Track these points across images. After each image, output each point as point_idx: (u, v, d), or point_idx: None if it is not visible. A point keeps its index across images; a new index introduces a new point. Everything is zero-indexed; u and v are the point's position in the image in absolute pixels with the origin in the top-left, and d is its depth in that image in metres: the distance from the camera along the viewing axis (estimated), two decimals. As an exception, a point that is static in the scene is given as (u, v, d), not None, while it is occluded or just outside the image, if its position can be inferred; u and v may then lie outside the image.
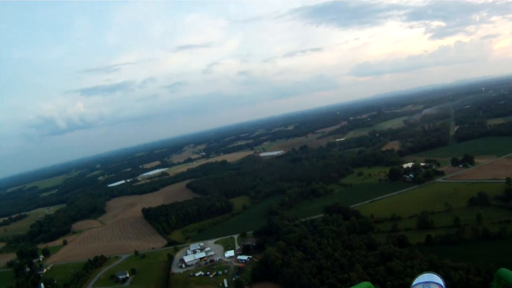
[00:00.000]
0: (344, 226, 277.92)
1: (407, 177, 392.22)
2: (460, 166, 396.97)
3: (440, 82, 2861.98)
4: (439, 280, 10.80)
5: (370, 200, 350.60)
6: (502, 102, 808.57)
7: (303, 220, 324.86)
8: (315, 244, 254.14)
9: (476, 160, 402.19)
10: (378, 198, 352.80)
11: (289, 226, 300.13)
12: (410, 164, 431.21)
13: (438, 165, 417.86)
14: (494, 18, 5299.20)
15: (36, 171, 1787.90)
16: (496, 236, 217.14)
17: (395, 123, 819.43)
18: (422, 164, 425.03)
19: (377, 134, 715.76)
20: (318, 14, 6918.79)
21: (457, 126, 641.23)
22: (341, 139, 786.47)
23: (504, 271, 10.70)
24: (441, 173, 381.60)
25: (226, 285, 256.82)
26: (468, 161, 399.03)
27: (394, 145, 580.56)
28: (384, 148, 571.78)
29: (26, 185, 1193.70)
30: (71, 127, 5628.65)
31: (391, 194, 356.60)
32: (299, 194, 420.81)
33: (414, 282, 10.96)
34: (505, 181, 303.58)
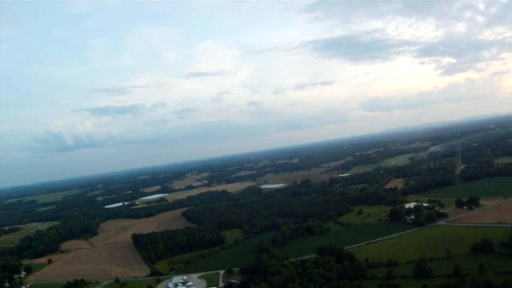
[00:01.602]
0: (335, 270, 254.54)
1: (408, 218, 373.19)
2: (465, 208, 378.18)
3: (449, 119, 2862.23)
4: None
5: (367, 242, 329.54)
6: (511, 140, 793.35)
7: (294, 260, 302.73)
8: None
9: (481, 201, 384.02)
10: (376, 240, 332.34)
11: (277, 267, 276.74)
12: (412, 205, 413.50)
13: (442, 206, 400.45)
14: (504, 55, 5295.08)
15: (38, 185, 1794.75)
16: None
17: (401, 160, 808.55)
18: (425, 204, 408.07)
19: (381, 171, 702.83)
20: (330, 48, 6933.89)
21: (464, 165, 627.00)
22: (345, 174, 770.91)
23: None
24: (444, 215, 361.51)
25: None
26: (473, 202, 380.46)
27: (398, 183, 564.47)
28: (387, 186, 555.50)
29: (26, 198, 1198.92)
30: (78, 145, 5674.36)
31: (389, 236, 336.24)
32: (294, 231, 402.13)
33: None
34: (511, 225, 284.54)
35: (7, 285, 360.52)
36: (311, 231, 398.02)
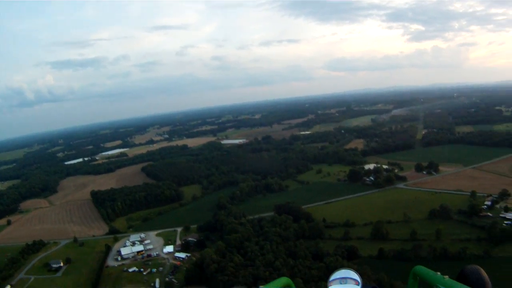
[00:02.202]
0: (292, 229, 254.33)
1: (367, 179, 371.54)
2: (424, 172, 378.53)
3: (414, 84, 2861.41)
4: (356, 276, 10.77)
5: (325, 202, 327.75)
6: (473, 110, 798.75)
7: (251, 217, 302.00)
8: (257, 248, 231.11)
9: (441, 167, 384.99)
10: (334, 200, 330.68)
11: (234, 225, 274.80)
12: (372, 166, 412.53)
13: (401, 169, 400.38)
14: (473, 28, 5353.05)
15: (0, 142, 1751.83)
16: (454, 257, 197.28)
17: (363, 121, 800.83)
18: (384, 166, 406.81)
19: (343, 131, 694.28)
20: (297, 7, 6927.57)
21: (425, 130, 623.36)
22: (306, 132, 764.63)
23: (419, 268, 10.85)
24: (403, 179, 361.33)
25: (157, 286, 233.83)
26: (432, 168, 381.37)
27: (359, 144, 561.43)
28: (348, 146, 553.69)
29: None
30: (39, 100, 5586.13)
31: (348, 196, 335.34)
32: (252, 188, 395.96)
33: (331, 278, 10.91)
34: (469, 194, 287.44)
35: None
36: (269, 189, 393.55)
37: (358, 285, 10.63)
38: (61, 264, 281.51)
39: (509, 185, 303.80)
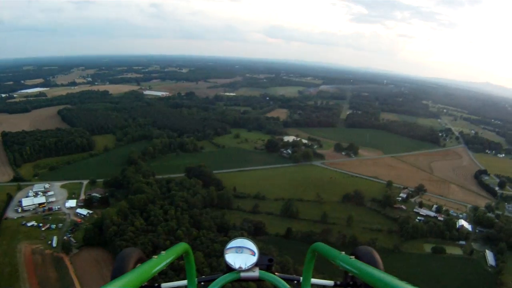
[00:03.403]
0: (200, 196, 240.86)
1: (285, 152, 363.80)
2: (343, 153, 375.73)
3: (346, 64, 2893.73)
4: (252, 245, 10.31)
5: (238, 169, 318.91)
6: (400, 99, 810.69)
7: (160, 177, 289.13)
8: (161, 213, 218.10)
9: (360, 151, 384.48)
10: (248, 168, 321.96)
11: (140, 184, 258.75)
12: (291, 138, 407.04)
13: (321, 146, 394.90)
14: (414, 21, 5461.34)
15: None
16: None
17: (290, 91, 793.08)
18: (304, 141, 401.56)
19: (268, 98, 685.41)
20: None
21: (350, 111, 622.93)
22: (231, 94, 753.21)
23: (318, 244, 10.14)
24: (322, 156, 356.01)
25: (54, 244, 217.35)
26: (352, 150, 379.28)
27: (282, 114, 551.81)
28: (270, 114, 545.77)
29: None
30: None
31: (263, 167, 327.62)
32: (166, 145, 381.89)
33: (228, 246, 10.42)
34: (385, 183, 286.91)
35: None
36: (184, 148, 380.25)
37: (254, 254, 10.07)
38: None
39: (426, 180, 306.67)
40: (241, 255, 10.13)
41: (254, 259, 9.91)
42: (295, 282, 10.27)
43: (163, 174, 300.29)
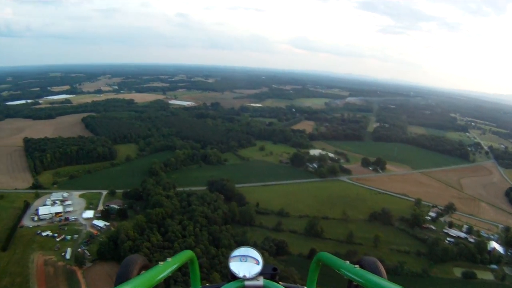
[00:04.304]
0: (221, 211, 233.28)
1: (311, 166, 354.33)
2: (370, 168, 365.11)
3: (373, 75, 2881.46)
4: (256, 254, 10.75)
5: (262, 184, 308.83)
6: (428, 112, 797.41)
7: (181, 190, 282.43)
8: (179, 229, 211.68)
9: (388, 166, 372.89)
10: (272, 183, 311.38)
11: (160, 197, 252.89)
12: (317, 152, 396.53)
13: (347, 160, 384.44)
14: (441, 32, 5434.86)
15: None
16: (391, 271, 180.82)
17: (316, 103, 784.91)
18: (330, 155, 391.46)
19: (294, 110, 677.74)
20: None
21: (377, 124, 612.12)
22: (257, 104, 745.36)
23: (323, 254, 10.73)
24: (348, 171, 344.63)
25: (68, 256, 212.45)
26: (380, 165, 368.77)
27: (308, 126, 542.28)
28: (296, 127, 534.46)
29: None
30: None
31: (287, 181, 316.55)
32: (189, 156, 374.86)
33: (232, 255, 10.83)
34: (414, 200, 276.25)
35: None
36: (207, 160, 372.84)
37: (258, 263, 10.44)
38: None
39: (455, 198, 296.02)
40: (246, 264, 10.37)
41: (258, 268, 10.23)
42: None
43: (184, 186, 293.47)
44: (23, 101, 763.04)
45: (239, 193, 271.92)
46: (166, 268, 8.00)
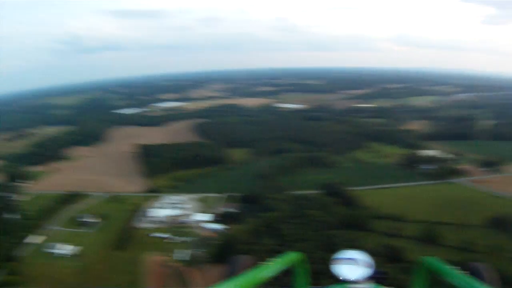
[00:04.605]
0: (335, 215, 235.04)
1: (424, 167, 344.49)
2: (488, 170, 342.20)
3: (481, 69, 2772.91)
4: (365, 257, 11.06)
5: (375, 187, 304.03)
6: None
7: (295, 193, 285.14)
8: (293, 233, 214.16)
9: (509, 168, 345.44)
10: (385, 186, 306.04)
11: (274, 201, 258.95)
12: (428, 153, 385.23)
13: (462, 161, 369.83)
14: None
15: (58, 87, 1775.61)
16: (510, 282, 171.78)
17: (425, 101, 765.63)
18: (442, 155, 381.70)
19: (402, 109, 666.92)
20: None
21: (493, 121, 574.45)
22: (366, 105, 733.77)
23: (428, 259, 10.91)
24: (464, 173, 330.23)
25: (182, 257, 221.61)
26: (499, 166, 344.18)
27: (417, 125, 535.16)
28: (405, 126, 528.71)
29: (44, 100, 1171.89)
30: (101, 47, 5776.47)
31: (400, 184, 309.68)
32: (302, 159, 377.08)
33: (340, 257, 11.16)
34: None
35: (4, 194, 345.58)
36: (319, 163, 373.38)
37: (364, 267, 10.58)
38: (93, 219, 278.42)
39: None
40: (354, 267, 10.54)
41: (365, 271, 10.41)
42: None
43: (297, 190, 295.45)
44: (135, 109, 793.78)
45: (352, 197, 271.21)
46: (271, 268, 8.84)
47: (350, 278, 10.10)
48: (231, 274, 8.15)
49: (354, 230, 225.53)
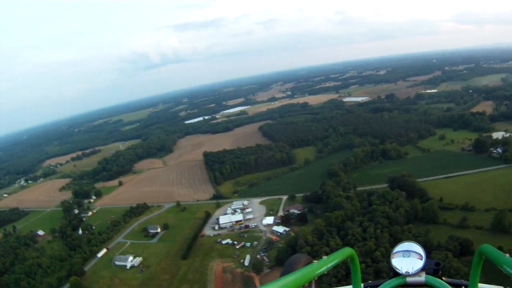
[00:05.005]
0: (403, 210, 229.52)
1: (495, 151, 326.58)
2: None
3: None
4: (419, 249, 10.36)
5: (445, 176, 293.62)
6: None
7: (361, 189, 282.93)
8: (359, 231, 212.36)
9: None
10: (455, 174, 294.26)
11: (339, 199, 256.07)
12: (500, 134, 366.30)
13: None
14: None
15: (125, 104, 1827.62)
16: None
17: (492, 80, 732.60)
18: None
19: (470, 91, 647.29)
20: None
21: None
22: (432, 91, 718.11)
23: (486, 247, 10.18)
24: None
25: (246, 263, 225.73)
26: None
27: (487, 107, 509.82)
28: (475, 109, 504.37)
29: (113, 118, 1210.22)
30: (164, 61, 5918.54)
31: (471, 171, 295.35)
32: (368, 153, 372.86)
33: (395, 250, 10.57)
34: None
35: (76, 211, 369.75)
36: (386, 155, 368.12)
37: (421, 258, 10.08)
38: (158, 230, 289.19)
39: None
40: (408, 259, 10.03)
41: (421, 264, 9.87)
42: (463, 287, 10.34)
43: (365, 185, 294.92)
44: (200, 118, 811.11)
45: (421, 188, 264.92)
46: (324, 264, 8.54)
47: (406, 271, 9.77)
48: (287, 272, 7.99)
49: (422, 223, 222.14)
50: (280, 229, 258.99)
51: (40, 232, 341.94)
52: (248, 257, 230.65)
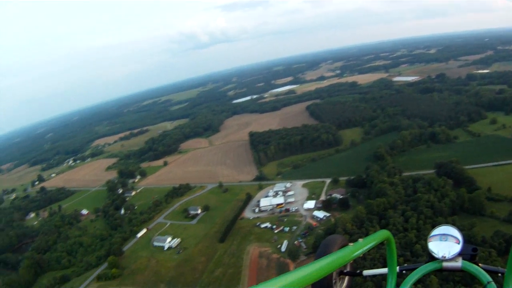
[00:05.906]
0: (448, 199, 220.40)
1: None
2: None
3: None
4: (457, 233, 10.49)
5: (496, 163, 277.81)
6: None
7: (407, 175, 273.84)
8: (401, 221, 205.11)
9: None
10: (506, 162, 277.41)
11: (383, 185, 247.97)
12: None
13: None
14: None
15: (175, 84, 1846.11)
16: None
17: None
18: None
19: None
20: None
21: None
22: (484, 71, 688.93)
23: None
24: None
25: (283, 248, 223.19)
26: None
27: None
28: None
29: (162, 98, 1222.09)
30: (213, 41, 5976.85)
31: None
32: (416, 136, 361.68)
33: (432, 234, 10.67)
34: None
35: (120, 190, 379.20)
36: (435, 139, 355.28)
37: (458, 243, 10.17)
38: (199, 211, 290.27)
39: None
40: (445, 243, 10.09)
41: (458, 248, 9.93)
42: (499, 274, 10.06)
43: (411, 170, 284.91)
44: (248, 98, 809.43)
45: (469, 177, 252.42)
46: (359, 247, 8.21)
47: (443, 255, 9.63)
48: (323, 254, 8.35)
49: (468, 215, 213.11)
50: (321, 214, 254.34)
51: (84, 211, 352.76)
52: (285, 243, 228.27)
